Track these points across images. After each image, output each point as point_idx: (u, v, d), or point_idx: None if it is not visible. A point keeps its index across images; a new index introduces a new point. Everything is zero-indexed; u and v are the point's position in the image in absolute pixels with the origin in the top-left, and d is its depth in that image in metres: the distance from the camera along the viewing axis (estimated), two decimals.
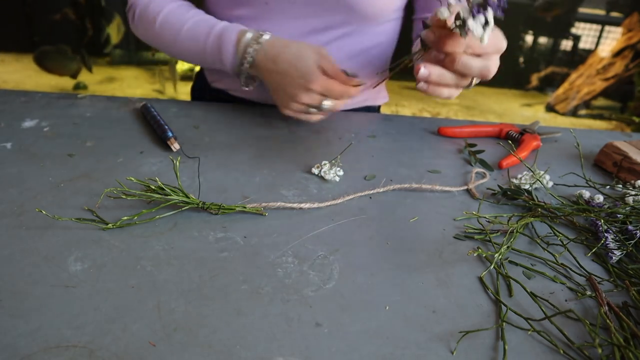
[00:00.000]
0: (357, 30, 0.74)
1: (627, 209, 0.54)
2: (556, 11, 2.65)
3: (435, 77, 0.52)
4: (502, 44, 0.53)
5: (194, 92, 0.93)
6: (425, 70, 0.51)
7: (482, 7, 0.46)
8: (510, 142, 0.65)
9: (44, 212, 0.45)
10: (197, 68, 0.98)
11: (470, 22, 0.47)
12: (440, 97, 0.55)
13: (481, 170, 0.64)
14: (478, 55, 0.52)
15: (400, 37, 0.84)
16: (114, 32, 2.68)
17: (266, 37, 0.64)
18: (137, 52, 2.93)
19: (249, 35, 0.64)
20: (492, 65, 0.53)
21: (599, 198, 0.56)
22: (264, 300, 0.39)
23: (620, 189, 0.61)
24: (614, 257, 0.47)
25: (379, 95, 0.89)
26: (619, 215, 0.52)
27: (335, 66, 0.62)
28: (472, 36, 0.47)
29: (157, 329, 0.35)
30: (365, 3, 0.70)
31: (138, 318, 0.36)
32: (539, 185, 0.60)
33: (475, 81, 0.56)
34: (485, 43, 0.47)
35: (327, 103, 0.61)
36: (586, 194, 0.56)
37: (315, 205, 0.51)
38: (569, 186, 0.61)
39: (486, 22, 0.47)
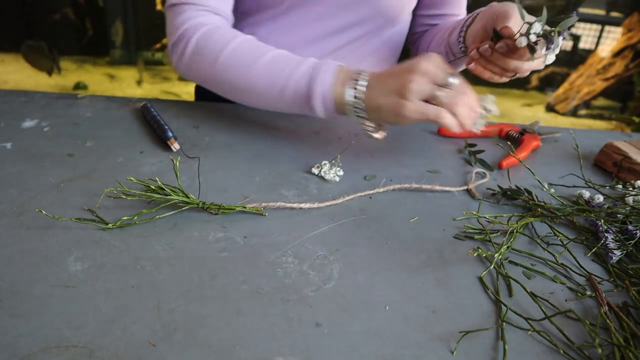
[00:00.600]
0: (372, 31, 0.75)
1: (627, 209, 0.54)
2: None
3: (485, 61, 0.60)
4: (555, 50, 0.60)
5: (198, 92, 0.94)
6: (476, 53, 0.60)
7: (556, 35, 0.54)
8: (509, 142, 0.65)
9: (44, 212, 0.45)
10: None
11: (543, 51, 0.55)
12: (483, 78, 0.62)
13: (481, 170, 0.64)
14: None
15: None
16: (117, 36, 2.69)
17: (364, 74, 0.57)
18: (137, 52, 2.93)
19: (345, 67, 0.58)
20: (533, 66, 0.61)
21: (599, 198, 0.56)
22: (264, 300, 0.39)
23: (620, 189, 0.61)
24: (614, 257, 0.47)
25: None
26: (618, 215, 0.52)
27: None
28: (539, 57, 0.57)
29: (157, 329, 0.35)
30: (389, 1, 0.71)
31: (138, 318, 0.36)
32: (538, 185, 0.60)
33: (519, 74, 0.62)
34: (550, 62, 0.57)
35: (452, 80, 0.53)
36: (586, 194, 0.57)
37: (315, 205, 0.51)
38: (568, 187, 0.61)
39: (554, 47, 0.55)
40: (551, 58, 0.57)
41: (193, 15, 0.64)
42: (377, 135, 0.59)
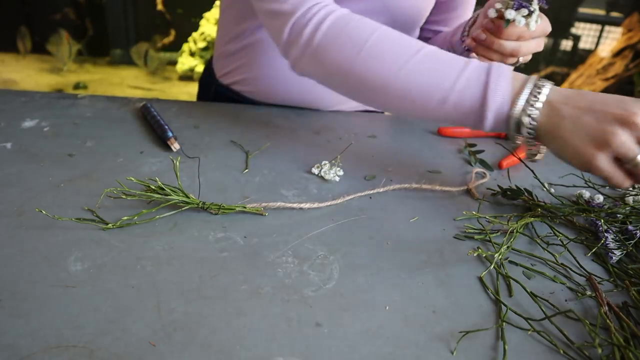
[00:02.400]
0: None
1: (627, 209, 0.54)
2: None
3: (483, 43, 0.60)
4: (547, 28, 0.59)
5: (201, 88, 0.94)
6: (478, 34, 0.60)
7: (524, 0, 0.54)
8: (502, 143, 0.65)
9: (44, 212, 0.45)
10: (201, 67, 0.97)
11: (512, 15, 0.55)
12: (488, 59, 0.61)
13: (481, 170, 0.64)
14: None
15: None
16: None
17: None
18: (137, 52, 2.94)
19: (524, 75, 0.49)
20: (531, 47, 0.60)
21: (599, 198, 0.56)
22: (264, 300, 0.39)
23: (620, 190, 0.60)
24: (614, 257, 0.47)
25: None
26: (618, 215, 0.52)
27: None
28: (518, 25, 0.56)
29: (157, 329, 0.35)
30: (408, 4, 0.71)
31: (138, 318, 0.36)
32: (539, 185, 0.60)
33: (521, 59, 0.61)
34: (532, 29, 0.56)
35: None
36: (586, 194, 0.56)
37: (315, 205, 0.51)
38: (568, 186, 0.61)
39: (529, 13, 0.55)
40: (532, 25, 0.56)
41: None
42: (539, 157, 0.58)
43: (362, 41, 0.51)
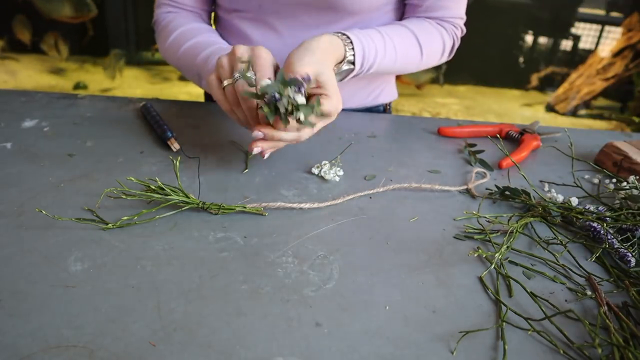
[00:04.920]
0: (351, 25, 0.74)
1: (624, 211, 0.53)
2: None
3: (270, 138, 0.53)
4: (332, 108, 0.52)
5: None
6: (258, 132, 0.52)
7: (287, 98, 0.48)
8: (499, 144, 0.65)
9: (44, 212, 0.45)
10: None
11: (272, 115, 0.49)
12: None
13: (481, 170, 0.64)
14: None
15: None
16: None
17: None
18: (137, 52, 2.93)
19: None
20: (316, 128, 0.55)
21: (589, 207, 0.55)
22: (264, 300, 0.39)
23: (610, 190, 0.59)
24: (632, 261, 0.46)
25: (384, 92, 0.88)
26: (608, 219, 0.52)
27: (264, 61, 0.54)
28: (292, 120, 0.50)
29: (157, 329, 0.35)
30: (349, 1, 0.70)
31: (138, 318, 0.36)
32: (539, 185, 0.60)
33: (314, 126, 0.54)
34: (307, 123, 0.49)
35: (243, 74, 0.52)
36: (575, 200, 0.55)
37: (315, 205, 0.51)
38: (568, 186, 0.61)
39: (295, 107, 0.48)
40: (302, 117, 0.48)
41: (164, 5, 0.77)
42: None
43: (166, 38, 0.73)
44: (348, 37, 0.61)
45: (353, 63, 0.62)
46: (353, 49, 0.61)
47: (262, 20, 0.74)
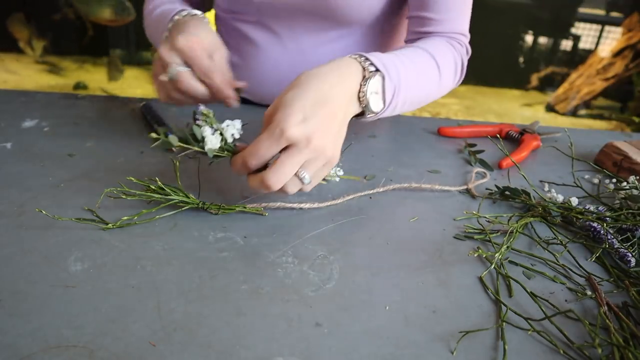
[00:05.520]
0: (353, 32, 0.74)
1: (625, 211, 0.53)
2: None
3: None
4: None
5: None
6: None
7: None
8: (499, 144, 0.65)
9: (44, 212, 0.45)
10: None
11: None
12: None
13: (481, 170, 0.64)
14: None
15: None
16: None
17: (186, 15, 0.62)
18: (137, 52, 2.94)
19: (176, 17, 0.62)
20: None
21: (590, 207, 0.55)
22: (264, 300, 0.39)
23: (610, 190, 0.59)
24: (632, 261, 0.46)
25: None
26: (608, 219, 0.52)
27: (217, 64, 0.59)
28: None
29: (157, 329, 0.35)
30: (348, 10, 0.69)
31: (138, 318, 0.36)
32: (539, 185, 0.60)
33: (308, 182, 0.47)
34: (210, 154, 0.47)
35: (178, 69, 0.57)
36: (575, 200, 0.55)
37: (315, 205, 0.51)
38: (568, 185, 0.61)
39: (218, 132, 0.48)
40: (209, 148, 0.47)
41: None
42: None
43: (149, 14, 0.72)
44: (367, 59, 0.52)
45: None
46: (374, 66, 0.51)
47: (262, 23, 0.74)
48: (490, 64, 2.95)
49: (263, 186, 0.45)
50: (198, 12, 0.63)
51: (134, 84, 2.83)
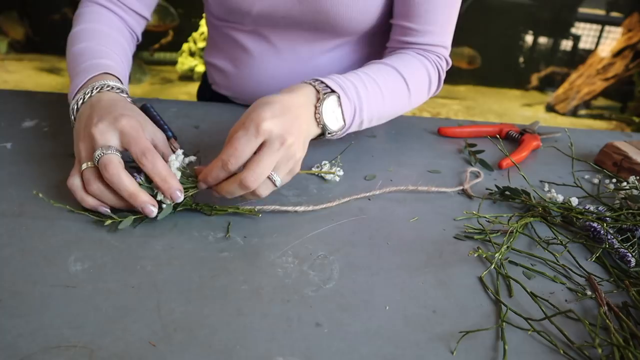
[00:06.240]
0: (350, 41, 0.74)
1: (625, 212, 0.53)
2: None
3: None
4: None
5: (198, 92, 0.95)
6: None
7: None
8: (499, 144, 0.65)
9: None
10: (201, 67, 0.98)
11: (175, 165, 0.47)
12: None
13: (475, 169, 0.63)
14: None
15: None
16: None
17: (105, 88, 0.53)
18: (137, 52, 2.94)
19: (95, 83, 0.53)
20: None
21: (590, 206, 0.55)
22: (264, 300, 0.39)
23: (610, 190, 0.59)
24: (632, 262, 0.46)
25: None
26: (608, 219, 0.52)
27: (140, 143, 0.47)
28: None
29: (157, 329, 0.35)
30: (347, 23, 0.68)
31: (138, 318, 0.36)
32: (539, 185, 0.60)
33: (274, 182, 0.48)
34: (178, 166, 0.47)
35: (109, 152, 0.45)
36: (575, 200, 0.55)
37: (310, 208, 0.51)
38: (568, 185, 0.61)
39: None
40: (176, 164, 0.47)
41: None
42: None
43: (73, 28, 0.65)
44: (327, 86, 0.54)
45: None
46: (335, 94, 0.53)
47: (258, 32, 0.73)
48: (490, 64, 2.95)
49: (241, 187, 0.45)
50: (123, 87, 0.56)
51: (133, 84, 2.83)
